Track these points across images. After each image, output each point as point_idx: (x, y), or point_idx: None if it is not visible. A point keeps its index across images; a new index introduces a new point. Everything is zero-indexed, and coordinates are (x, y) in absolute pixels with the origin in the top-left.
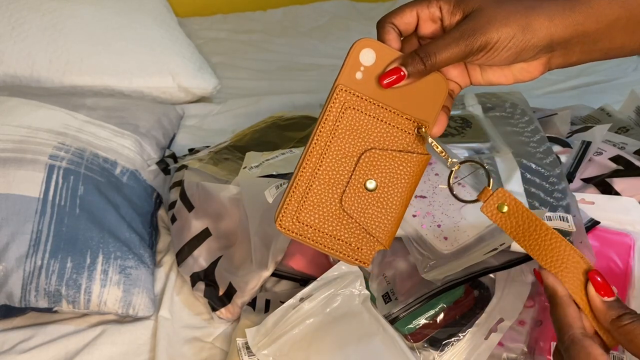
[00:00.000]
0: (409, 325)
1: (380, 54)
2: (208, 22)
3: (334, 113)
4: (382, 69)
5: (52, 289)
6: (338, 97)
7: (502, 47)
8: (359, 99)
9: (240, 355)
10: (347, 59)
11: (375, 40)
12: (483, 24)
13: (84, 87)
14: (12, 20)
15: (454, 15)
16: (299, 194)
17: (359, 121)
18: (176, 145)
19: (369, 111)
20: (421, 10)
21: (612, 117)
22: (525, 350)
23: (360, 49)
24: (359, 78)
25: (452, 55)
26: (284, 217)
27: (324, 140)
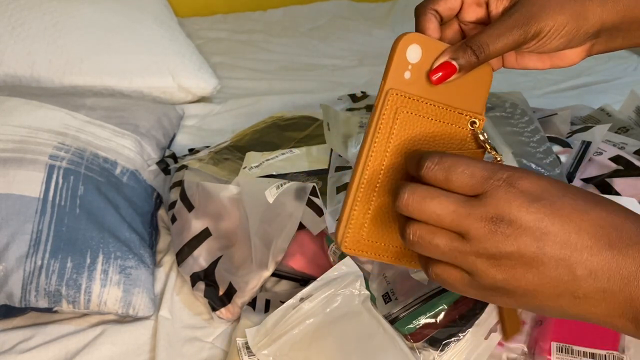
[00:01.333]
0: (409, 325)
1: (427, 48)
2: (208, 22)
3: (387, 120)
4: (430, 65)
5: (52, 289)
6: (390, 102)
7: (556, 35)
8: (410, 100)
9: (240, 355)
10: (393, 58)
11: (421, 35)
12: (536, 11)
13: (84, 87)
14: (12, 20)
15: (503, 1)
16: (361, 211)
17: (414, 124)
18: (176, 145)
19: (422, 112)
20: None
21: (612, 117)
22: (525, 350)
23: (407, 46)
24: (408, 77)
25: (506, 46)
26: (348, 238)
27: (380, 150)
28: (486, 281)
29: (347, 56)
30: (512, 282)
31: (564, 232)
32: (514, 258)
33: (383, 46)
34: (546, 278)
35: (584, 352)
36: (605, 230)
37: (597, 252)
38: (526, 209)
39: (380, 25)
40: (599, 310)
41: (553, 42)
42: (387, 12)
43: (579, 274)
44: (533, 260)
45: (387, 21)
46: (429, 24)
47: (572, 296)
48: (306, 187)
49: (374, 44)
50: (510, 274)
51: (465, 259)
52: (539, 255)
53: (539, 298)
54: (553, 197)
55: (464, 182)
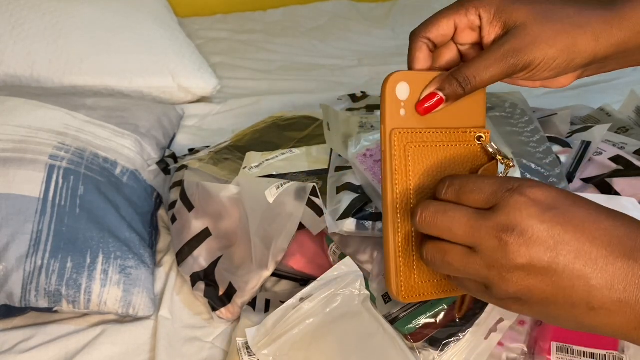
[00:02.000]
0: (409, 325)
1: (414, 82)
2: (208, 22)
3: (400, 159)
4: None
5: (52, 289)
6: (397, 141)
7: (546, 68)
8: (415, 133)
9: (240, 355)
10: (385, 101)
11: (405, 72)
12: (527, 43)
13: (84, 87)
14: (12, 20)
15: (493, 26)
16: (408, 256)
17: (425, 155)
18: (176, 145)
19: (428, 141)
20: (459, 19)
21: (612, 117)
22: (525, 350)
23: (394, 87)
24: (403, 114)
25: (493, 78)
26: (403, 288)
27: (404, 190)
28: (500, 292)
29: (347, 56)
30: (525, 293)
31: (577, 242)
32: (527, 269)
33: (383, 46)
34: (560, 288)
35: (584, 352)
36: (619, 240)
37: (612, 262)
38: (538, 218)
39: (380, 25)
40: (615, 322)
41: (543, 74)
42: (387, 12)
43: (594, 284)
44: (546, 270)
45: (387, 21)
46: (419, 53)
47: (587, 307)
48: (306, 187)
49: (374, 44)
50: (523, 285)
51: (478, 273)
52: (552, 265)
53: (553, 308)
54: (565, 207)
55: (474, 198)
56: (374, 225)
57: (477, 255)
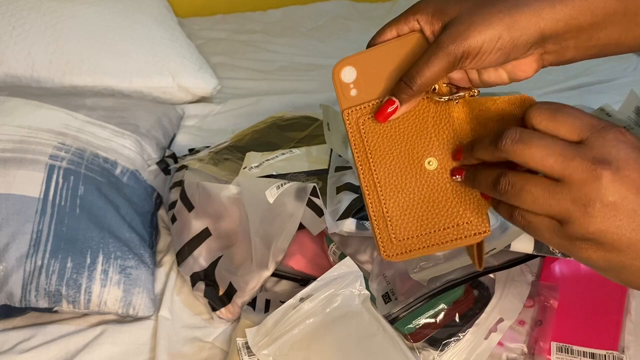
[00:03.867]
0: (409, 325)
1: (357, 63)
2: (208, 22)
3: (356, 133)
4: (368, 72)
5: (52, 289)
6: (349, 118)
7: (490, 50)
8: (364, 107)
9: (240, 355)
10: (335, 88)
11: (347, 58)
12: (462, 31)
13: (84, 87)
14: (12, 20)
15: (433, 26)
16: (381, 219)
17: (379, 124)
18: (176, 145)
19: None
20: (400, 28)
21: (612, 117)
22: (525, 350)
23: (339, 74)
24: (355, 94)
25: (436, 71)
26: (385, 246)
27: (365, 160)
28: (578, 230)
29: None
30: (605, 234)
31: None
32: (616, 207)
33: None
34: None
35: (584, 352)
36: None
37: None
38: (635, 160)
39: (380, 25)
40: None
41: (490, 57)
42: (387, 12)
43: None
44: (635, 214)
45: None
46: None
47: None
48: (306, 187)
49: None
50: (606, 225)
51: (559, 207)
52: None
53: (630, 256)
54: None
55: (570, 121)
56: None
57: (563, 187)
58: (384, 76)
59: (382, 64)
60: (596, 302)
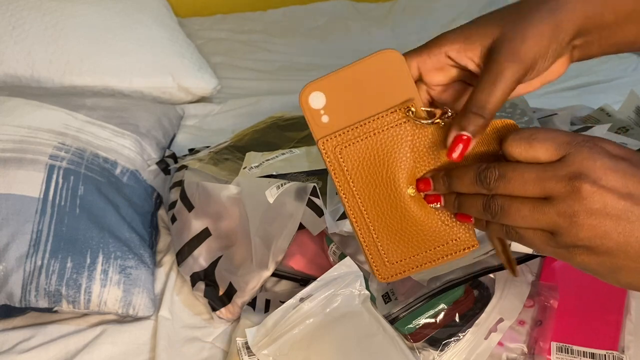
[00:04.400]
0: (409, 325)
1: (324, 87)
2: (208, 22)
3: (334, 162)
4: (338, 96)
5: (52, 289)
6: (325, 147)
7: (544, 58)
8: (340, 135)
9: (240, 355)
10: (305, 115)
11: (312, 82)
12: (518, 46)
13: (84, 87)
14: (12, 20)
15: (470, 51)
16: (372, 244)
17: (358, 150)
18: (176, 145)
19: (356, 136)
20: (422, 62)
21: (612, 117)
22: (525, 350)
23: (307, 100)
24: (327, 121)
25: (505, 92)
26: (379, 270)
27: (348, 190)
28: (568, 239)
29: (347, 56)
30: (595, 240)
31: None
32: (601, 214)
33: (383, 46)
34: (632, 237)
35: (584, 352)
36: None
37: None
38: (611, 168)
39: (380, 25)
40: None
41: (546, 64)
42: (387, 12)
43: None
44: (620, 217)
45: (387, 21)
46: None
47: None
48: (307, 187)
49: (374, 44)
50: (594, 232)
51: (547, 220)
52: (627, 212)
53: (621, 258)
54: (637, 159)
55: (546, 145)
56: None
57: (549, 203)
58: (357, 99)
59: (353, 86)
60: (596, 302)
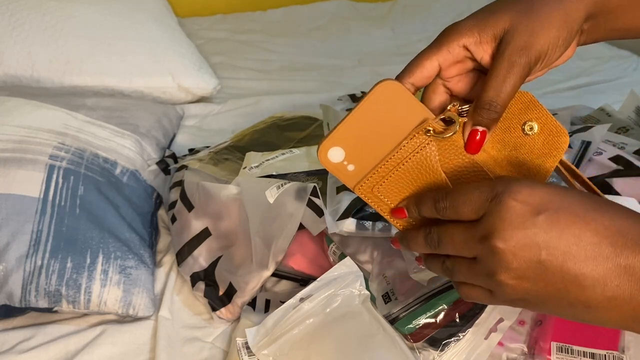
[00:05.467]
0: (409, 325)
1: (339, 139)
2: (208, 22)
3: (377, 201)
4: (355, 143)
5: (52, 289)
6: (362, 192)
7: (555, 49)
8: (372, 177)
9: (240, 355)
10: (330, 171)
11: (326, 140)
12: (526, 39)
13: (84, 87)
14: (12, 20)
15: (485, 46)
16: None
17: (393, 183)
18: (176, 145)
19: (388, 171)
20: (442, 58)
21: (612, 117)
22: (525, 350)
23: (326, 159)
24: (353, 169)
25: (514, 86)
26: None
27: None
28: (503, 296)
29: (347, 56)
30: (522, 295)
31: (564, 245)
32: (519, 273)
33: (383, 46)
34: (555, 289)
35: (584, 352)
36: (609, 239)
37: (602, 262)
38: (522, 225)
39: (380, 25)
40: (613, 317)
41: (556, 54)
42: (387, 12)
43: (586, 284)
44: (538, 273)
45: (387, 21)
46: None
47: (584, 305)
48: (307, 187)
49: (374, 44)
50: (519, 289)
51: (481, 280)
52: (543, 267)
53: (554, 306)
54: (551, 209)
55: (466, 211)
56: (374, 225)
57: (478, 264)
58: (373, 138)
59: (364, 127)
60: None
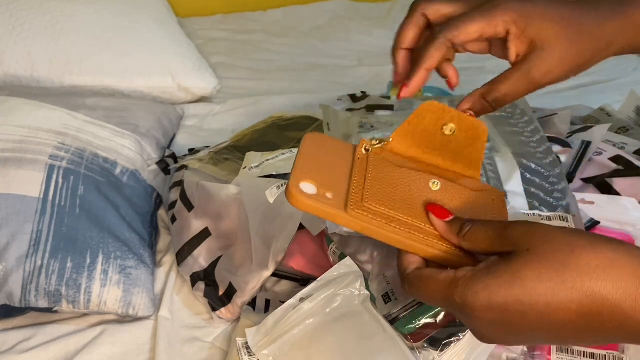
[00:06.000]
0: (409, 325)
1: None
2: (208, 22)
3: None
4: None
5: (52, 289)
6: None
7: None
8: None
9: (240, 355)
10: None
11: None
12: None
13: (84, 87)
14: (12, 20)
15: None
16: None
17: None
18: (176, 145)
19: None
20: (487, 29)
21: (612, 117)
22: (525, 350)
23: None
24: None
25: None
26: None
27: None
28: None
29: (347, 56)
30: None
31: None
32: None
33: (383, 46)
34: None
35: (584, 352)
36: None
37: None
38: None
39: (380, 25)
40: None
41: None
42: (387, 12)
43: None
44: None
45: (387, 21)
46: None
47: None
48: None
49: (374, 44)
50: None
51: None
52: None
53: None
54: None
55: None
56: None
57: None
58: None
59: (318, 162)
60: None
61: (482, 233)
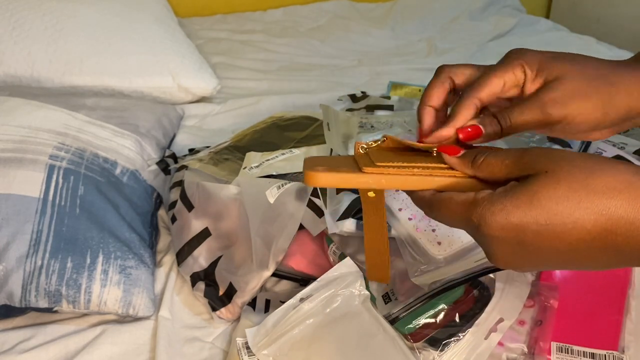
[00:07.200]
0: (409, 325)
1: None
2: (208, 22)
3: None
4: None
5: (52, 289)
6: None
7: (582, 121)
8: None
9: (240, 355)
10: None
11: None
12: (564, 96)
13: (84, 87)
14: (12, 21)
15: (535, 82)
16: None
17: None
18: (176, 145)
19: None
20: (508, 77)
21: None
22: (525, 350)
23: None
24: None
25: (527, 124)
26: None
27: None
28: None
29: (347, 56)
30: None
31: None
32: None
33: (383, 46)
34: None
35: (584, 352)
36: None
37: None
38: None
39: (380, 25)
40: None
41: (579, 127)
42: (387, 12)
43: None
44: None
45: (387, 21)
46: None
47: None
48: (307, 187)
49: (374, 44)
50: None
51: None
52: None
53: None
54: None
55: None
56: None
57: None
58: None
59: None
60: (596, 302)
61: (499, 161)
